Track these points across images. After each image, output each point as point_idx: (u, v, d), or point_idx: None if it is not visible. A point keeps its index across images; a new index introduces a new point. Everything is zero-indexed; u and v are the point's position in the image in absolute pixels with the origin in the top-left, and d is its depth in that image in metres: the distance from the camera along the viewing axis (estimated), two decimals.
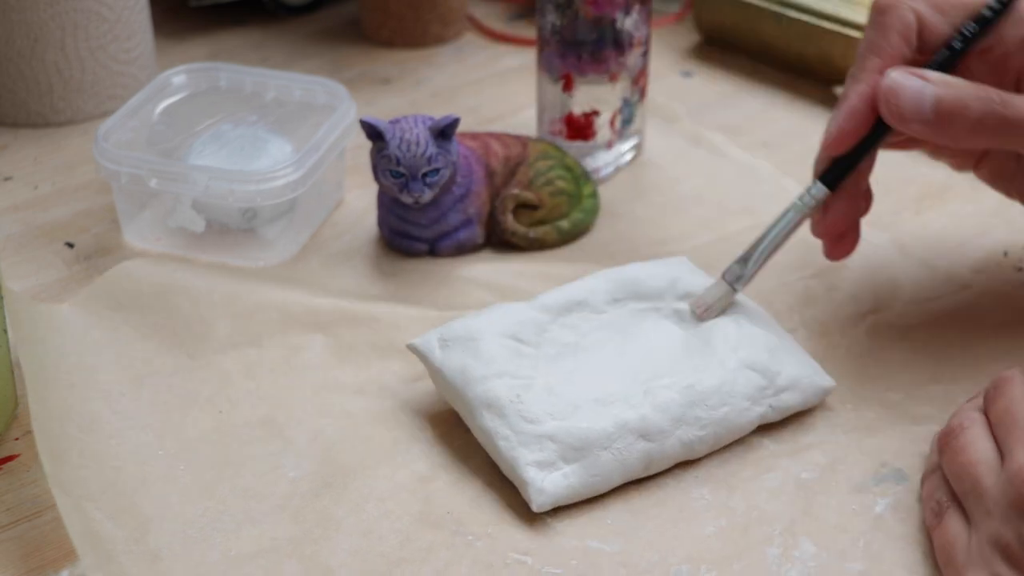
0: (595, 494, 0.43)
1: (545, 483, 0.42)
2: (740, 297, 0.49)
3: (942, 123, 0.44)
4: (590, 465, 0.43)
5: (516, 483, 0.43)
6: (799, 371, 0.46)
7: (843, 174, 0.47)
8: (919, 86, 0.44)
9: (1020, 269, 0.56)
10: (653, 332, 0.48)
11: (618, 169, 0.64)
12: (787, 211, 0.48)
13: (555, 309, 0.47)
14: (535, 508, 0.42)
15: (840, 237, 0.49)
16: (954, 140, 0.45)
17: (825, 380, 0.47)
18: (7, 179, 0.64)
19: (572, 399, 0.44)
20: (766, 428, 0.46)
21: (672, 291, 0.49)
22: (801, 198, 0.48)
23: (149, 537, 0.41)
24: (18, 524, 0.43)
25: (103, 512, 0.42)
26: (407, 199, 0.54)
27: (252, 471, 0.44)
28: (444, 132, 0.54)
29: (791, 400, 0.46)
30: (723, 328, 0.47)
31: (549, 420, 0.43)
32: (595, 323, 0.48)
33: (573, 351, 0.46)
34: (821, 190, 0.48)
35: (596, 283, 0.49)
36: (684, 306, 0.49)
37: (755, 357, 0.46)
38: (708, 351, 0.46)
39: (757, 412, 0.45)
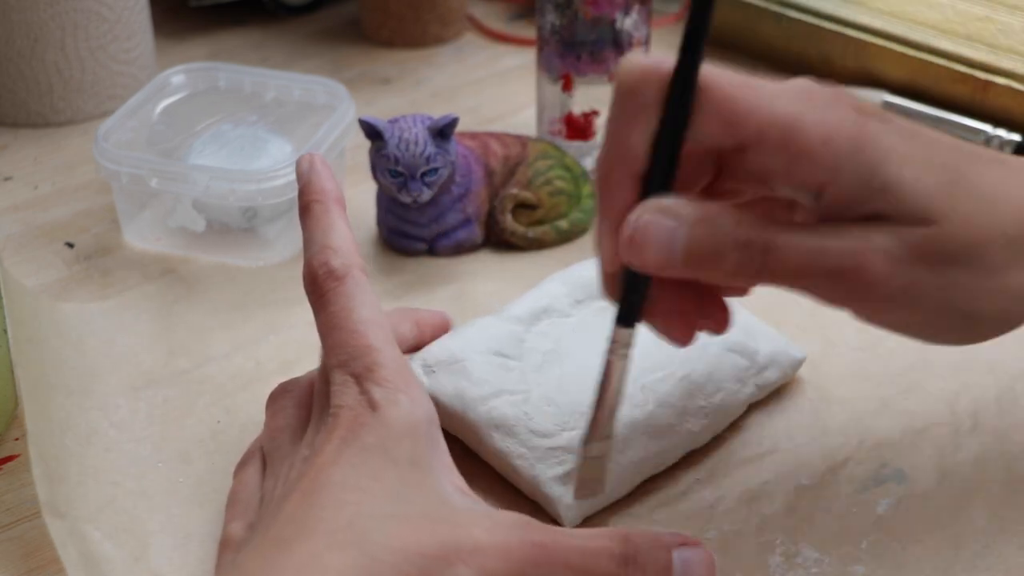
0: (618, 498, 0.43)
1: (571, 496, 0.41)
2: None
3: (694, 270, 0.35)
4: (611, 471, 0.42)
5: (540, 501, 0.42)
6: (774, 347, 0.47)
7: (638, 304, 0.37)
8: (670, 228, 0.34)
9: None
10: None
11: None
12: (604, 369, 0.39)
13: (526, 319, 0.47)
14: (566, 524, 0.41)
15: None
16: (713, 282, 0.37)
17: (798, 352, 0.47)
18: (7, 179, 0.64)
19: (574, 407, 0.44)
20: (766, 434, 0.46)
21: None
22: (610, 351, 0.38)
23: (150, 553, 0.41)
24: (18, 524, 0.43)
25: (102, 532, 0.41)
26: (405, 198, 0.54)
27: None
28: (443, 132, 0.54)
29: (772, 376, 0.47)
30: None
31: (560, 432, 0.43)
32: (566, 327, 0.48)
33: (555, 358, 0.46)
34: (625, 332, 0.38)
35: (555, 287, 0.49)
36: None
37: (733, 339, 0.46)
38: None
39: (746, 393, 0.46)
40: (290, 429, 0.41)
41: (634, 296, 0.37)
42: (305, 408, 0.41)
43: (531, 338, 0.47)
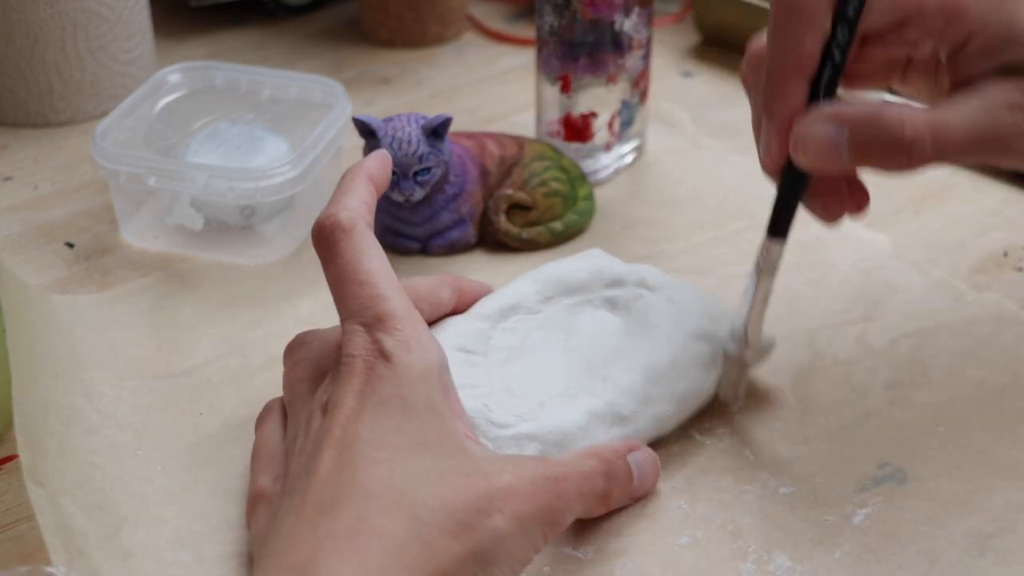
0: None
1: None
2: (665, 276, 0.49)
3: (859, 162, 0.40)
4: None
5: None
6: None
7: (789, 216, 0.43)
8: (832, 135, 0.39)
9: (1020, 269, 0.56)
10: (591, 323, 0.48)
11: (618, 171, 0.64)
12: (754, 280, 0.44)
13: (492, 316, 0.47)
14: None
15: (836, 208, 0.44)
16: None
17: (765, 339, 0.47)
18: (7, 179, 0.64)
19: (535, 398, 0.44)
20: (747, 442, 0.46)
21: (598, 281, 0.49)
22: (761, 260, 0.44)
23: (122, 534, 0.41)
24: (18, 524, 0.43)
25: (78, 506, 0.42)
26: (398, 197, 0.54)
27: (230, 473, 0.44)
28: (436, 131, 0.54)
29: None
30: (658, 306, 0.48)
31: (520, 422, 0.43)
32: (533, 323, 0.48)
33: (520, 353, 0.46)
34: (776, 244, 0.43)
35: (524, 285, 0.49)
36: (613, 293, 0.49)
37: (698, 327, 0.46)
38: (651, 330, 0.47)
39: (712, 379, 0.46)
40: (309, 380, 0.42)
41: (787, 209, 0.42)
42: (326, 359, 0.42)
43: (497, 335, 0.47)
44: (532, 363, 0.46)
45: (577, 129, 0.62)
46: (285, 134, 0.59)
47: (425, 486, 0.36)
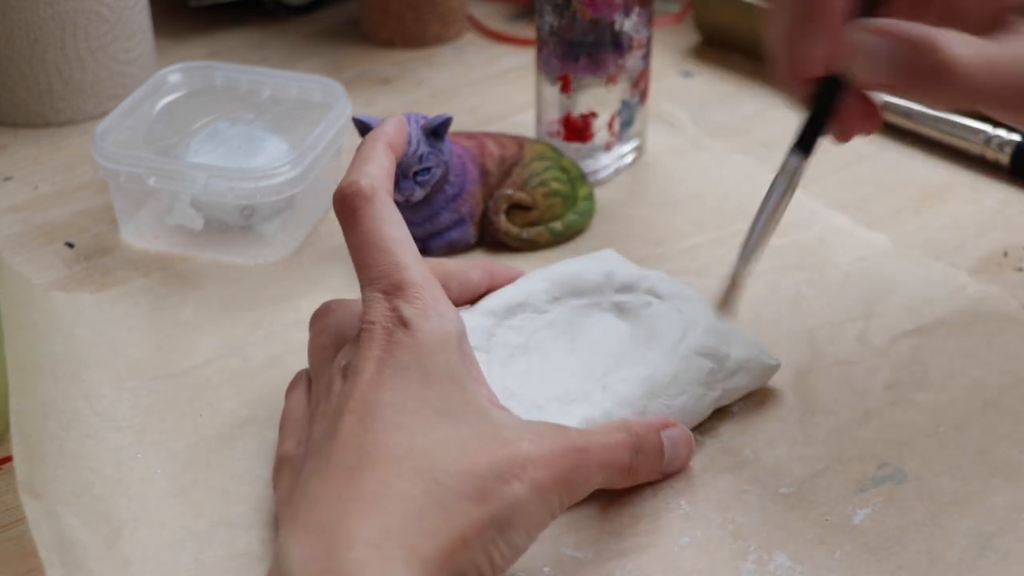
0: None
1: None
2: (676, 285, 0.49)
3: (902, 83, 0.38)
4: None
5: None
6: (746, 352, 0.47)
7: (815, 134, 0.42)
8: (881, 49, 0.38)
9: (1020, 269, 0.56)
10: (598, 327, 0.48)
11: (618, 171, 0.64)
12: (768, 193, 0.43)
13: (499, 313, 0.47)
14: None
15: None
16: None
17: (771, 360, 0.47)
18: (7, 179, 0.64)
19: (533, 400, 0.44)
20: (747, 442, 0.46)
21: (609, 284, 0.49)
22: (780, 175, 0.43)
23: (122, 542, 0.41)
24: (18, 524, 0.43)
25: (77, 517, 0.41)
26: (397, 197, 0.54)
27: (230, 473, 0.44)
28: (436, 131, 0.54)
29: (742, 382, 0.46)
30: (666, 317, 0.47)
31: None
32: (539, 323, 0.48)
33: (523, 352, 0.46)
34: (800, 160, 0.42)
35: (533, 283, 0.49)
36: (623, 299, 0.49)
37: (703, 342, 0.46)
38: (655, 341, 0.46)
39: (712, 397, 0.45)
40: (332, 347, 0.42)
41: (815, 126, 0.41)
42: (350, 327, 0.43)
43: (502, 332, 0.47)
44: (534, 363, 0.46)
45: (577, 129, 0.62)
46: (285, 134, 0.59)
47: (445, 452, 0.36)
